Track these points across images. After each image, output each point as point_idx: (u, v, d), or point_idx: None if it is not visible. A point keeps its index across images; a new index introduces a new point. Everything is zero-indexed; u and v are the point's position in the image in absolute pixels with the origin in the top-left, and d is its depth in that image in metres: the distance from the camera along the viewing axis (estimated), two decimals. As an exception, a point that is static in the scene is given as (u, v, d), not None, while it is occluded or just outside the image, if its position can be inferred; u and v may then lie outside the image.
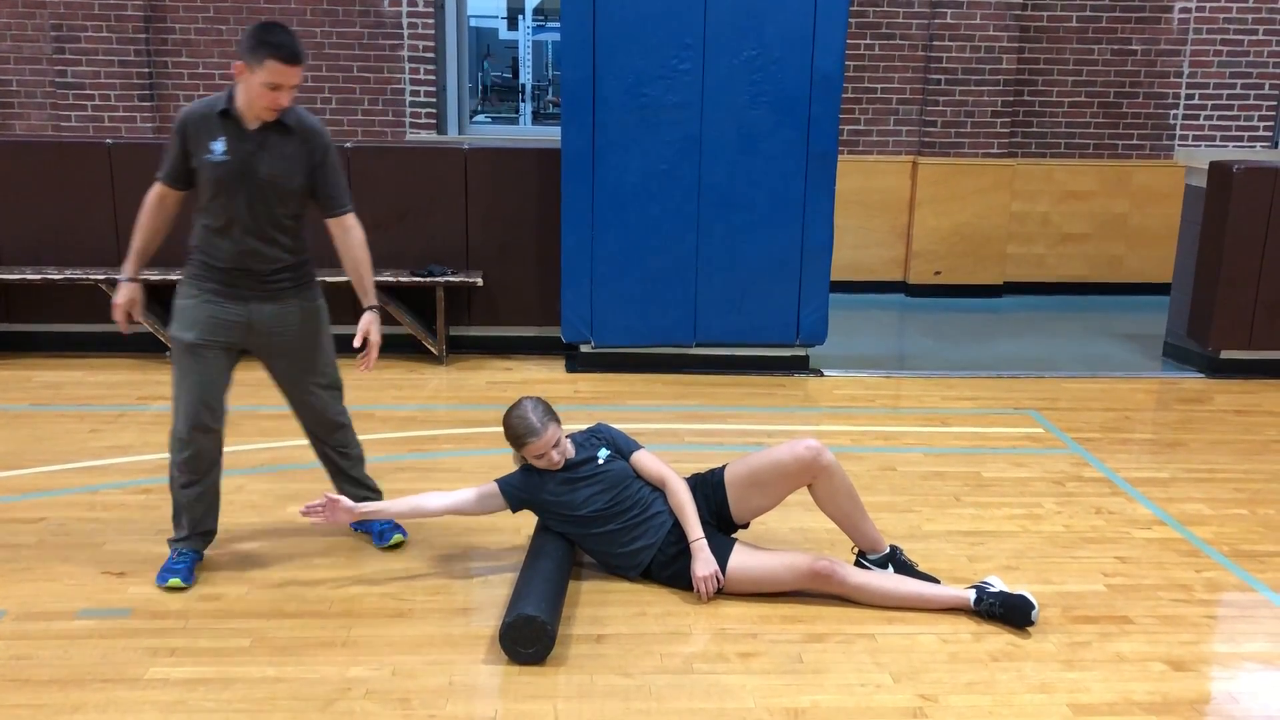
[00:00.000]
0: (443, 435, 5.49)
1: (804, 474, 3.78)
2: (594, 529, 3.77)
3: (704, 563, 3.67)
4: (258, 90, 3.45)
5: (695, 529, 3.72)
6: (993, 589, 3.63)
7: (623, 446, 3.93)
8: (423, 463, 5.04)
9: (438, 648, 3.40)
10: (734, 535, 3.87)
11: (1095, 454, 5.32)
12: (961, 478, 4.96)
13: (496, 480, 3.86)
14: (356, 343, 3.87)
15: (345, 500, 3.74)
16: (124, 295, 3.75)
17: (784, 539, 4.17)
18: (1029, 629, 3.55)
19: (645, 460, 3.88)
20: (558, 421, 3.79)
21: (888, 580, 3.72)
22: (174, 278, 6.37)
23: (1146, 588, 3.91)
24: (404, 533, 4.10)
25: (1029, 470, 5.08)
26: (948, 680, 3.27)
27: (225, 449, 3.89)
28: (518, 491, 3.82)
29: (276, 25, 3.53)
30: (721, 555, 3.70)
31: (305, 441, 5.23)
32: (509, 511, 3.87)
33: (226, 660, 3.28)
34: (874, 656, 3.39)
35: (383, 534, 4.07)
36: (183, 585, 3.69)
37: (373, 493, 4.10)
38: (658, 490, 3.84)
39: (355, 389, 6.14)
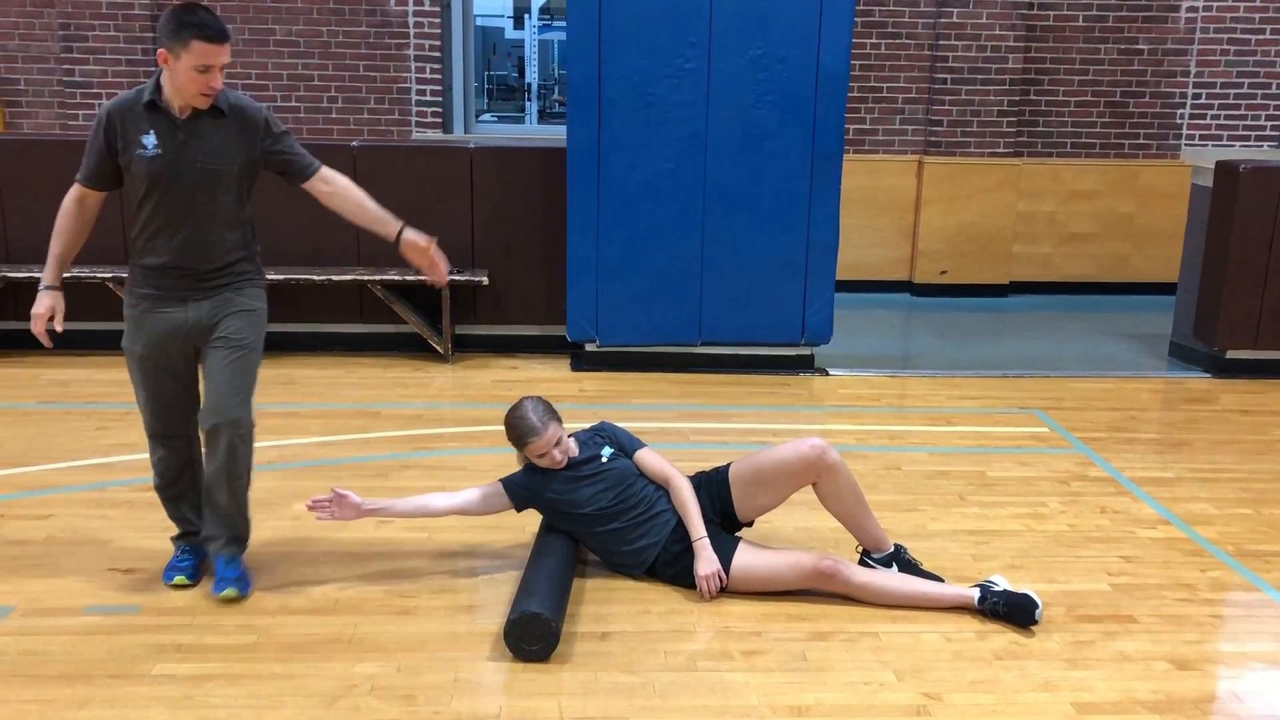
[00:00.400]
0: (448, 433, 5.51)
1: (809, 472, 3.79)
2: (598, 527, 3.78)
3: (706, 561, 3.68)
4: (187, 75, 3.26)
5: (698, 528, 3.73)
6: (997, 588, 3.63)
7: (626, 445, 3.94)
8: (428, 460, 5.05)
9: (443, 645, 3.41)
10: (738, 534, 3.88)
11: (1100, 453, 5.31)
12: (966, 477, 4.96)
13: (501, 480, 3.88)
14: (434, 248, 3.67)
15: (353, 496, 3.75)
16: (44, 304, 3.48)
17: (789, 538, 4.18)
18: (1033, 628, 3.55)
19: (649, 458, 3.89)
20: (559, 420, 3.81)
21: (891, 579, 3.73)
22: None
23: (1151, 587, 3.91)
24: (242, 589, 3.62)
25: (1034, 470, 5.08)
26: (951, 679, 3.27)
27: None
28: (521, 490, 3.84)
29: (195, 4, 3.33)
30: (726, 554, 3.71)
31: (312, 439, 5.30)
32: (513, 511, 3.88)
33: (233, 657, 3.29)
34: (878, 655, 3.40)
35: (221, 582, 3.61)
36: (188, 582, 3.66)
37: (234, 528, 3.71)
38: (661, 489, 3.85)
39: (362, 386, 6.21)
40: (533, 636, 3.30)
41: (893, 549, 3.87)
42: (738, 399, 6.15)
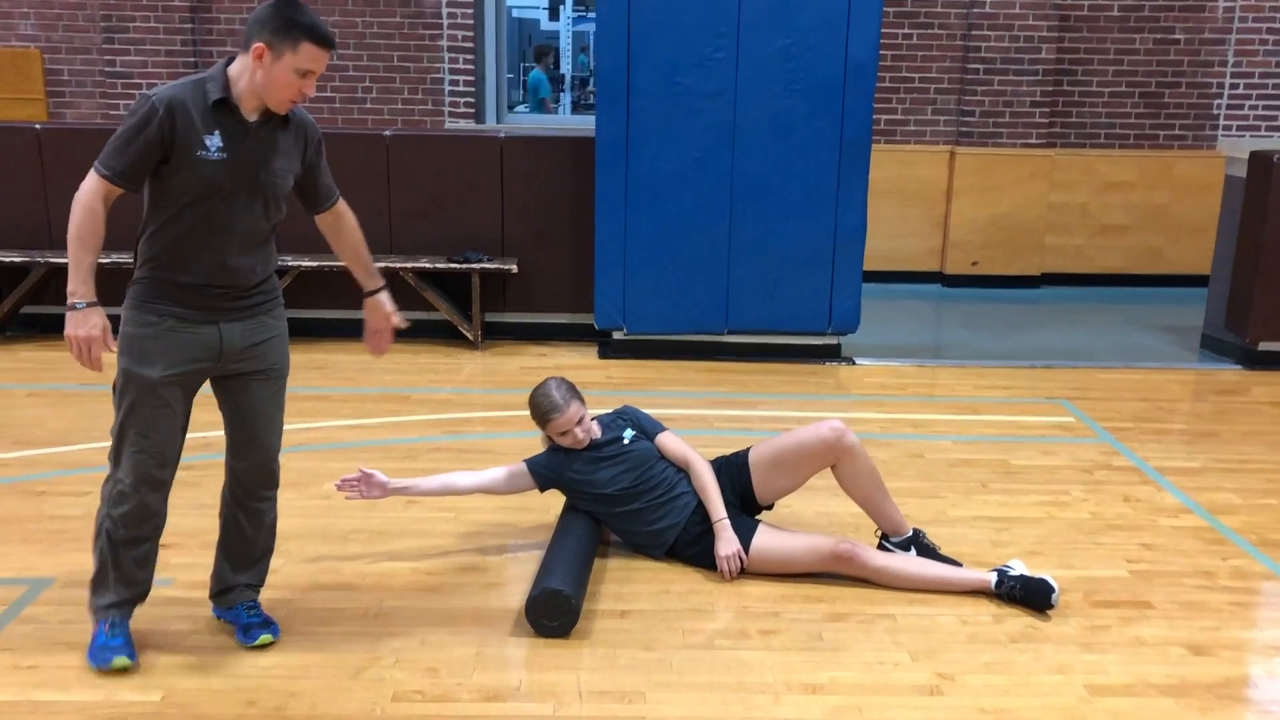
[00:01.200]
0: (477, 418, 5.60)
1: (828, 455, 3.84)
2: (619, 507, 3.85)
3: (727, 542, 3.74)
4: (283, 77, 2.93)
5: (719, 509, 3.79)
6: (1014, 572, 3.66)
7: (648, 428, 4.00)
8: (457, 444, 5.14)
9: (466, 621, 3.49)
10: (758, 517, 3.93)
11: (1126, 443, 5.31)
12: (989, 465, 4.98)
13: (525, 460, 3.95)
14: (397, 321, 3.54)
15: (379, 475, 3.83)
16: (97, 324, 2.97)
17: (808, 522, 4.22)
18: (1049, 612, 3.58)
19: (670, 441, 3.95)
20: (581, 400, 3.89)
21: (909, 563, 3.77)
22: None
23: (1170, 574, 3.92)
24: (274, 633, 3.34)
25: (1058, 458, 5.09)
26: (966, 660, 3.31)
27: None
28: (545, 470, 3.91)
29: (300, 3, 3.02)
30: (745, 535, 3.76)
31: (343, 422, 5.40)
32: (537, 491, 3.96)
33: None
34: (893, 636, 3.44)
35: (249, 630, 3.32)
36: (130, 663, 3.14)
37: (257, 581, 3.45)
38: (682, 472, 3.91)
39: (393, 372, 6.32)
40: (553, 613, 3.37)
41: (911, 533, 3.91)
42: (764, 387, 6.20)
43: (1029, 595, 3.59)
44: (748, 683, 3.17)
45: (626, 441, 3.91)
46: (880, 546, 3.91)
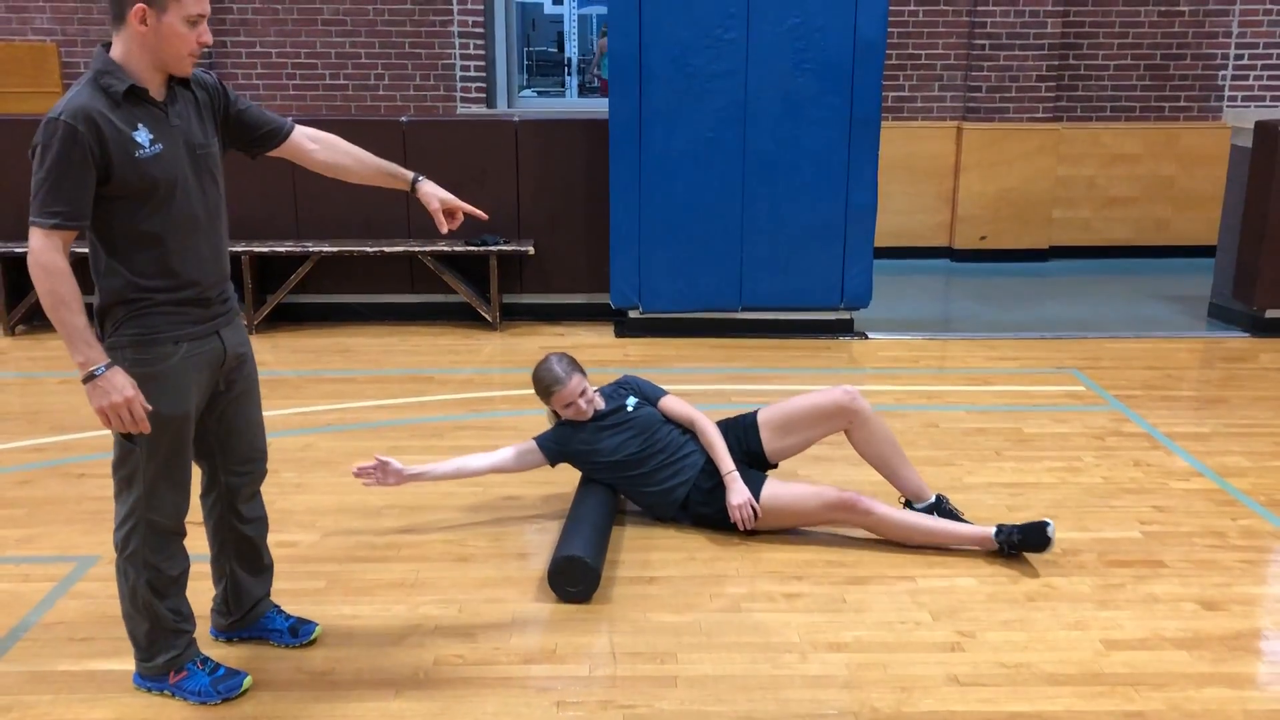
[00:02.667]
0: (498, 396, 5.71)
1: (839, 417, 3.96)
2: (629, 473, 3.98)
3: (738, 492, 3.87)
4: (173, 34, 2.62)
5: (727, 462, 3.92)
6: (1015, 534, 3.74)
7: (649, 394, 4.14)
8: (481, 421, 5.26)
9: (499, 587, 3.62)
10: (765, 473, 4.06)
11: (1136, 410, 5.41)
12: (1003, 433, 5.09)
13: (534, 437, 4.08)
14: (445, 224, 3.21)
15: (395, 463, 3.93)
16: (126, 384, 2.66)
17: (828, 490, 4.33)
18: (1065, 571, 3.68)
19: (673, 404, 4.09)
20: (582, 373, 4.03)
21: (911, 515, 3.89)
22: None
23: (1182, 534, 4.03)
24: (313, 625, 3.32)
25: (1070, 426, 5.19)
26: (985, 618, 3.42)
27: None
28: (553, 445, 4.04)
29: None
30: (754, 487, 3.89)
31: (369, 402, 5.52)
32: (548, 466, 4.08)
33: (304, 599, 3.51)
34: (914, 597, 3.55)
35: (297, 630, 3.28)
36: (250, 678, 3.06)
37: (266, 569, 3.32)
38: (688, 433, 4.04)
39: (415, 354, 6.44)
40: (574, 579, 3.49)
41: (934, 499, 4.02)
42: (779, 362, 6.30)
43: (1026, 537, 3.69)
44: (774, 643, 3.29)
45: (630, 409, 4.04)
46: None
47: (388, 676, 3.12)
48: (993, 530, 3.78)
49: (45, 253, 2.59)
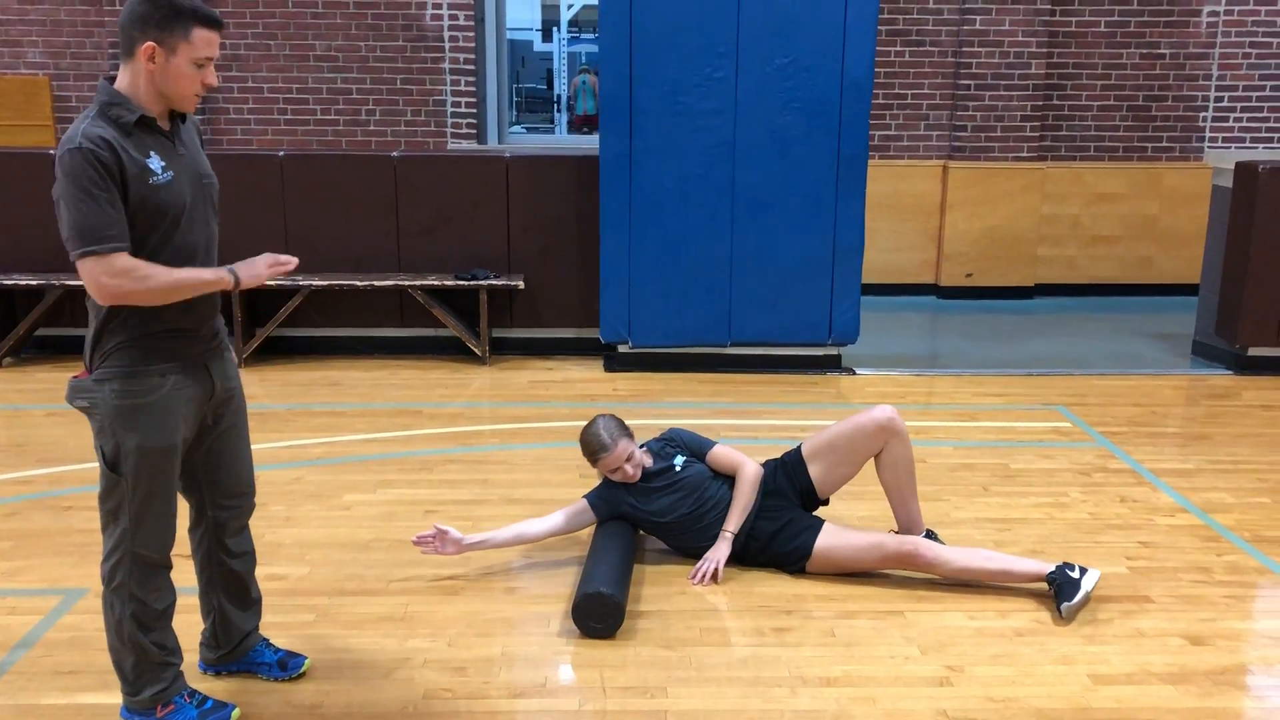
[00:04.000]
0: (488, 430, 5.72)
1: (880, 435, 4.01)
2: (680, 532, 4.00)
3: (716, 549, 3.91)
4: (180, 74, 2.69)
5: (734, 521, 3.94)
6: (1073, 574, 3.69)
7: (696, 449, 4.12)
8: (471, 455, 5.26)
9: (489, 621, 3.61)
10: (817, 514, 4.06)
11: (1122, 446, 5.45)
12: (990, 469, 5.12)
13: (584, 496, 4.08)
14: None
15: (454, 532, 3.88)
16: (258, 262, 2.87)
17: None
18: (1046, 596, 3.71)
19: (721, 456, 4.07)
20: (630, 436, 3.99)
21: (976, 557, 3.84)
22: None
23: (1168, 570, 4.06)
24: (303, 657, 3.32)
25: (1056, 462, 5.22)
26: (973, 653, 3.44)
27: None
28: (604, 504, 4.04)
29: None
30: (809, 538, 3.89)
31: (358, 436, 5.53)
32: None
33: (294, 632, 3.50)
34: (903, 631, 3.57)
35: (286, 663, 3.27)
36: (238, 709, 3.08)
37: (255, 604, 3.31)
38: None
39: (404, 388, 6.45)
40: (600, 615, 3.49)
41: (925, 534, 4.05)
42: (767, 397, 6.33)
43: (1061, 588, 3.67)
44: (764, 677, 3.29)
45: (678, 469, 4.02)
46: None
47: (377, 710, 3.11)
48: (1049, 570, 3.74)
49: (113, 277, 2.62)
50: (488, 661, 3.37)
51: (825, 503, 4.13)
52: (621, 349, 6.89)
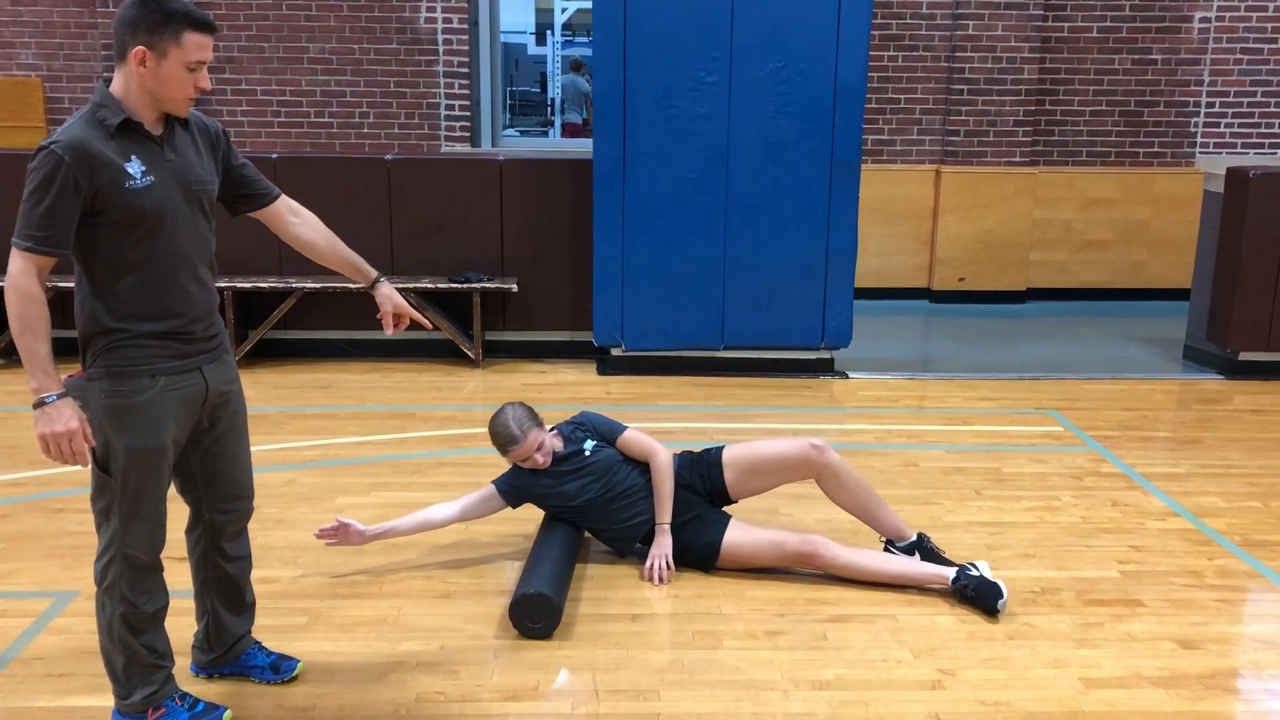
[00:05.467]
0: (480, 434, 5.66)
1: (806, 469, 4.01)
2: (590, 515, 4.01)
3: (659, 544, 3.94)
4: (174, 77, 2.68)
5: (665, 513, 3.95)
6: (973, 572, 3.77)
7: (607, 432, 4.11)
8: (463, 458, 5.26)
9: (481, 624, 3.61)
10: (726, 509, 4.08)
11: (1113, 451, 5.47)
12: (982, 473, 5.13)
13: (492, 481, 4.07)
14: (393, 327, 3.32)
15: (356, 524, 3.90)
16: (73, 416, 2.64)
17: (808, 529, 4.33)
18: (1043, 611, 3.71)
19: (631, 442, 4.06)
20: (540, 425, 3.99)
21: (874, 559, 3.90)
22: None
23: (1159, 574, 4.07)
24: (295, 661, 3.32)
25: (1048, 466, 5.24)
26: (965, 656, 3.44)
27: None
28: (513, 489, 4.04)
29: None
30: (718, 530, 3.92)
31: (351, 438, 5.52)
32: (510, 508, 4.08)
33: (286, 636, 3.49)
34: (895, 635, 3.57)
35: (279, 666, 3.27)
36: (230, 712, 3.07)
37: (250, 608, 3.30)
38: (649, 469, 4.04)
39: (397, 390, 6.44)
40: (536, 615, 3.50)
41: (915, 538, 4.04)
42: (760, 401, 6.34)
43: (979, 596, 3.71)
44: (757, 680, 3.29)
45: (588, 453, 4.03)
46: (885, 549, 4.04)
47: (370, 713, 3.10)
48: (951, 575, 3.80)
49: (19, 275, 2.63)
50: (480, 664, 3.36)
51: (733, 502, 4.14)
52: (614, 352, 6.89)
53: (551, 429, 4.09)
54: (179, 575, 3.11)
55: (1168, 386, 6.81)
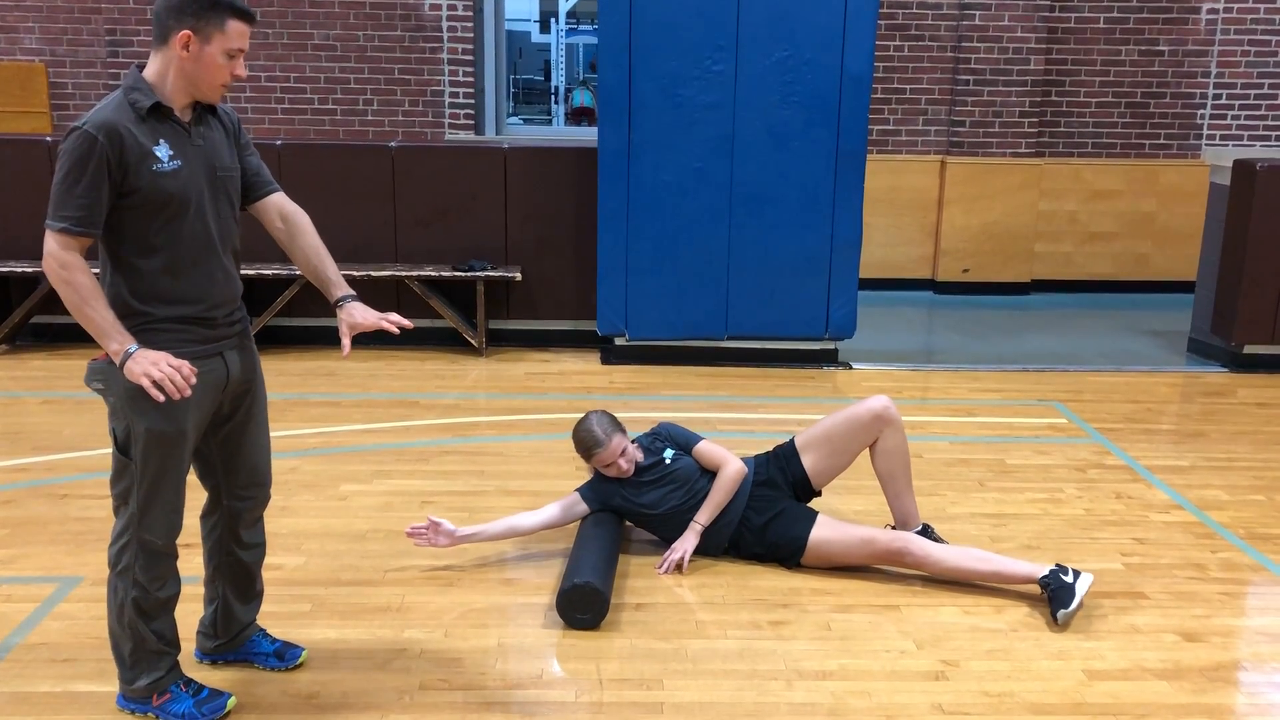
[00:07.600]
0: (484, 422, 5.72)
1: (876, 425, 4.02)
2: (671, 524, 4.00)
3: (684, 539, 3.94)
4: (213, 63, 2.72)
5: (705, 515, 3.94)
6: (1065, 577, 3.64)
7: (684, 442, 4.11)
8: (468, 446, 5.26)
9: (485, 612, 3.62)
10: (811, 505, 4.07)
11: (1117, 443, 5.46)
12: (986, 464, 5.13)
13: (577, 489, 4.08)
14: (383, 325, 3.14)
15: (447, 524, 3.89)
16: (160, 356, 2.68)
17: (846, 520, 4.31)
18: (1041, 592, 3.70)
19: (705, 452, 4.06)
20: (623, 432, 4.00)
21: (965, 557, 3.82)
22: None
23: (1162, 566, 4.07)
24: (299, 648, 3.33)
25: (1052, 458, 5.23)
26: (969, 648, 3.45)
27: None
28: (596, 497, 4.05)
29: None
30: (805, 526, 3.89)
31: (355, 426, 5.52)
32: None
33: (290, 623, 3.50)
34: (899, 626, 3.57)
35: (284, 653, 3.28)
36: (234, 698, 3.07)
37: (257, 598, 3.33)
38: None
39: (400, 378, 6.44)
40: (584, 606, 3.50)
41: (921, 527, 4.05)
42: (764, 391, 6.34)
43: (1051, 597, 3.63)
44: (760, 670, 3.30)
45: (669, 462, 4.03)
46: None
47: (373, 700, 3.11)
48: (1043, 573, 3.68)
49: (59, 258, 2.66)
50: (483, 652, 3.37)
51: (818, 494, 4.13)
52: (618, 341, 6.88)
53: (632, 440, 4.08)
54: (187, 561, 3.11)
55: (1172, 379, 6.80)
